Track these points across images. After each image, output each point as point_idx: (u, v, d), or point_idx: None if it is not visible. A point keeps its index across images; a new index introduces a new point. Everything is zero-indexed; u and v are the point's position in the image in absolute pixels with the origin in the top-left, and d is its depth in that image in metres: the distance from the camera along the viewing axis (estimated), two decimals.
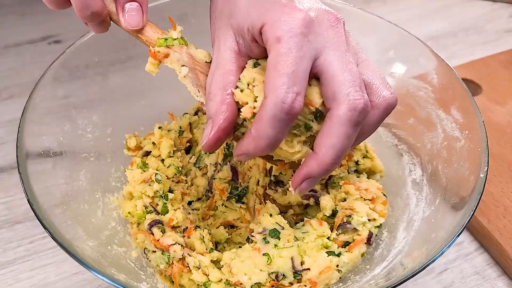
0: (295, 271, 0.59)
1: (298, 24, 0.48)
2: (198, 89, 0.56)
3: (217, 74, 0.52)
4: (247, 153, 0.51)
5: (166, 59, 0.56)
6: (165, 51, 0.55)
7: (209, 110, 0.51)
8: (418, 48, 0.75)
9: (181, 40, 0.56)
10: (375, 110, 0.53)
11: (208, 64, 0.57)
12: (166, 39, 0.55)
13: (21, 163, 0.58)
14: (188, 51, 0.56)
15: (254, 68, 0.52)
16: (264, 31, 0.49)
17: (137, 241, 0.65)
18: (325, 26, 0.50)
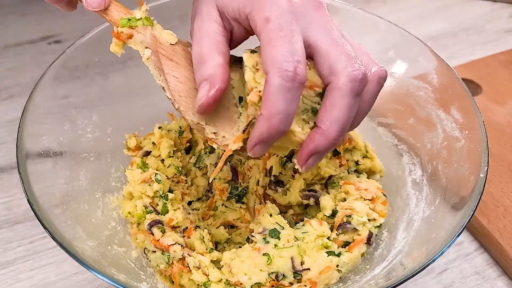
0: (295, 271, 0.59)
1: (284, 5, 0.50)
2: (160, 73, 0.55)
3: (207, 42, 0.52)
4: (262, 139, 0.50)
5: (129, 40, 0.55)
6: (128, 31, 0.54)
7: (203, 73, 0.52)
8: (418, 48, 0.75)
9: (145, 21, 0.55)
10: (369, 84, 0.53)
11: (172, 46, 0.56)
12: (129, 19, 0.54)
13: (21, 163, 0.58)
14: (153, 32, 0.55)
15: (253, 54, 0.53)
16: (252, 17, 0.50)
17: (137, 241, 0.65)
18: (309, 8, 0.52)
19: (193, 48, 0.54)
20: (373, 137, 0.77)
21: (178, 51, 0.57)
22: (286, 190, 0.68)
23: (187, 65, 0.57)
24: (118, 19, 0.54)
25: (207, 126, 0.55)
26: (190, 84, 0.56)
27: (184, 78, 0.56)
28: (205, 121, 0.55)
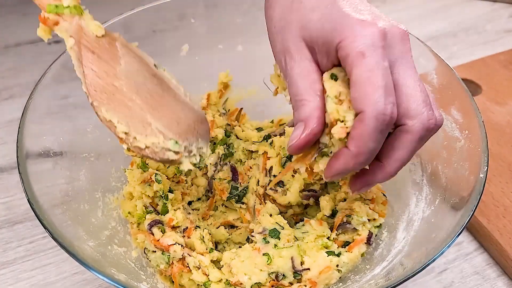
0: (295, 271, 0.59)
1: (378, 38, 0.49)
2: (79, 64, 0.54)
3: (303, 83, 0.52)
4: (345, 171, 0.52)
5: (56, 26, 0.54)
6: (55, 18, 0.54)
7: (301, 114, 0.51)
8: (418, 48, 0.75)
9: (73, 9, 0.54)
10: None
11: (98, 39, 0.55)
12: (56, 6, 0.53)
13: (21, 163, 0.58)
14: (79, 22, 0.54)
15: (335, 81, 0.51)
16: (343, 46, 0.49)
17: (137, 241, 0.65)
18: (396, 39, 0.51)
19: (289, 89, 0.54)
20: None
21: (103, 45, 0.55)
22: (286, 190, 0.68)
23: (109, 60, 0.56)
24: (46, 4, 0.53)
25: (118, 124, 0.54)
26: (108, 80, 0.55)
27: (103, 73, 0.55)
28: (117, 120, 0.54)
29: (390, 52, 0.50)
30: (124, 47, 0.57)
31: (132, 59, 0.57)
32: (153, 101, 0.56)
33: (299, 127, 0.51)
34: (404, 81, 0.51)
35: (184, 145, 0.57)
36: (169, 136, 0.55)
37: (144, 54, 0.59)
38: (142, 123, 0.55)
